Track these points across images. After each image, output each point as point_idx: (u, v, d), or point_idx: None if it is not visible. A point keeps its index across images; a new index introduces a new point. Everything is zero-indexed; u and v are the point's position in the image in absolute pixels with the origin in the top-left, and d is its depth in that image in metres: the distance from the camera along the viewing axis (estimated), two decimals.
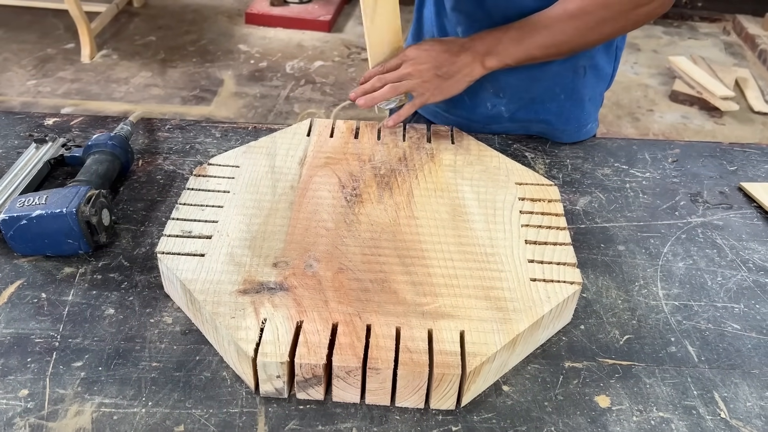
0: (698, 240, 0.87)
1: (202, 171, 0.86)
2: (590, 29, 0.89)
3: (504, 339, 0.65)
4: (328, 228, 0.78)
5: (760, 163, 1.04)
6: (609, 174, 0.99)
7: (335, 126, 0.98)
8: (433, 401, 0.64)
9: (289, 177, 0.86)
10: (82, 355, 0.67)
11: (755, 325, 0.75)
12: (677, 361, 0.70)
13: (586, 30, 0.89)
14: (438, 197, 0.84)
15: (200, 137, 1.03)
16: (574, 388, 0.67)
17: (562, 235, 0.79)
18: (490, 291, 0.71)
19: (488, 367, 0.64)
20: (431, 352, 0.63)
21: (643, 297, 0.78)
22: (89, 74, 3.08)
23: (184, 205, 0.80)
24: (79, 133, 1.02)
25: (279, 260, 0.73)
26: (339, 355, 0.62)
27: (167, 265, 0.72)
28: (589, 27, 0.89)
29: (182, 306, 0.73)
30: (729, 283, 0.80)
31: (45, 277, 0.76)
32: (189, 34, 3.54)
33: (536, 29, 0.90)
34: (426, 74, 0.92)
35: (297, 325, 0.65)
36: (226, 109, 2.88)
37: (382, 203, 0.83)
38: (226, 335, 0.64)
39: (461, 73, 0.92)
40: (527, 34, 0.91)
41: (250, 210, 0.80)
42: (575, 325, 0.74)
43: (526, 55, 0.92)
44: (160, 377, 0.65)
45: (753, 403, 0.66)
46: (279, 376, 0.63)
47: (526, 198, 0.84)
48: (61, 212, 0.75)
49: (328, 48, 3.47)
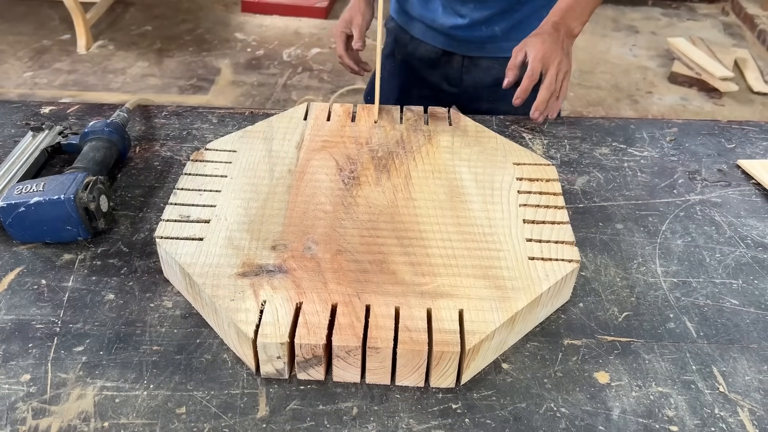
0: (696, 217, 0.87)
1: (199, 156, 0.86)
2: None
3: (503, 317, 0.65)
4: (326, 211, 0.78)
5: (757, 140, 1.04)
6: (607, 153, 0.99)
7: (332, 110, 0.97)
8: (433, 379, 0.64)
9: (287, 161, 0.87)
10: (83, 340, 0.68)
11: (753, 301, 0.75)
12: (676, 337, 0.70)
13: None
14: (436, 179, 0.84)
15: (197, 123, 1.03)
16: (573, 364, 0.67)
17: (560, 214, 0.79)
18: (488, 270, 0.71)
19: (487, 345, 0.65)
20: (430, 331, 0.64)
21: (642, 274, 0.78)
22: (86, 65, 3.07)
23: (182, 190, 0.80)
24: (75, 121, 1.02)
25: (277, 243, 0.73)
26: (339, 335, 0.63)
27: (166, 250, 0.72)
28: None
29: (182, 290, 0.73)
30: (727, 259, 0.81)
31: (44, 264, 0.76)
32: (185, 23, 3.52)
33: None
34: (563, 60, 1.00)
35: (296, 307, 0.65)
36: (223, 98, 2.88)
37: (380, 185, 0.83)
38: (226, 317, 0.65)
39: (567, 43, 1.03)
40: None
41: (247, 194, 0.80)
42: (574, 303, 0.74)
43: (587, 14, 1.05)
44: (161, 360, 0.66)
45: (751, 377, 0.66)
46: (279, 357, 0.63)
47: (524, 178, 0.85)
48: (59, 199, 0.75)
49: (325, 35, 3.46)
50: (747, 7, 3.67)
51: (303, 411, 0.62)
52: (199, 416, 0.61)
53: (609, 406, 0.63)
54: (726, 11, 3.80)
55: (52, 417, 0.60)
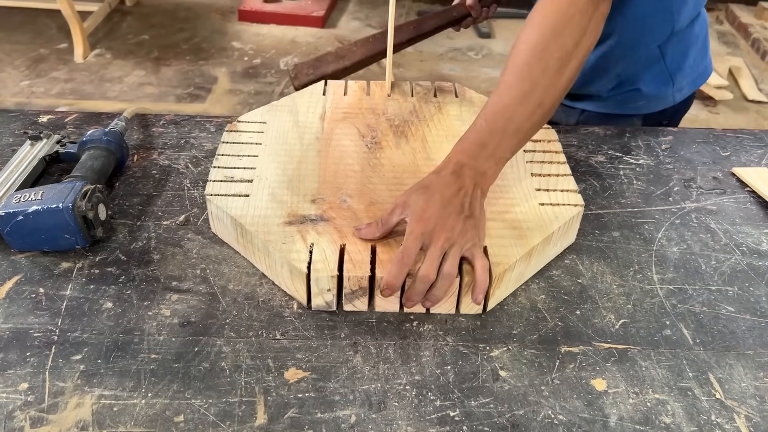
0: (692, 225, 0.87)
1: (233, 127, 0.95)
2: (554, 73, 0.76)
3: (521, 251, 0.74)
4: (355, 170, 0.87)
5: (752, 148, 1.05)
6: (603, 161, 0.99)
7: (347, 86, 1.06)
8: (463, 306, 0.73)
9: (313, 130, 0.95)
10: (81, 349, 0.68)
11: (749, 307, 0.75)
12: (672, 344, 0.71)
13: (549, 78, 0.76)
14: (450, 142, 0.87)
15: (195, 132, 1.03)
16: (570, 372, 0.67)
17: (563, 168, 0.88)
18: (505, 215, 0.80)
19: (509, 276, 0.73)
20: (460, 265, 0.71)
21: (638, 282, 0.78)
22: (83, 74, 3.08)
23: (223, 156, 0.88)
24: (73, 130, 1.02)
25: (316, 197, 0.82)
26: (381, 268, 0.70)
27: (217, 205, 0.79)
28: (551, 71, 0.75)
29: (230, 241, 0.81)
30: (723, 266, 0.81)
31: (42, 273, 0.76)
32: (182, 32, 3.53)
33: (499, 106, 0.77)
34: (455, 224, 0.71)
35: (341, 248, 0.73)
36: (220, 107, 2.88)
37: (400, 149, 0.92)
38: (279, 258, 0.72)
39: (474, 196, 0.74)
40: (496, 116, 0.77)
41: (282, 158, 0.89)
42: (571, 311, 0.74)
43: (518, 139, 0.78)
44: (159, 368, 0.66)
45: (747, 384, 0.67)
46: (329, 289, 0.71)
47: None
48: (57, 207, 0.75)
49: (321, 44, 3.47)
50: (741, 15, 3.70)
51: (301, 419, 0.62)
52: (197, 424, 0.61)
53: (606, 413, 0.63)
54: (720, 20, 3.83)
55: (50, 426, 0.60)
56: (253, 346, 0.69)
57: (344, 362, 0.67)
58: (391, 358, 0.68)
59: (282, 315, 0.72)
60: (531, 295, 0.76)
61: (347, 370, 0.67)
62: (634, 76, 1.10)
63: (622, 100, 1.13)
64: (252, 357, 0.67)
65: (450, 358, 0.68)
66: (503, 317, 0.73)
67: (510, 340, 0.71)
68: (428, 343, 0.70)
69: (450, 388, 0.65)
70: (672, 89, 1.12)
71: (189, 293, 0.74)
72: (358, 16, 3.82)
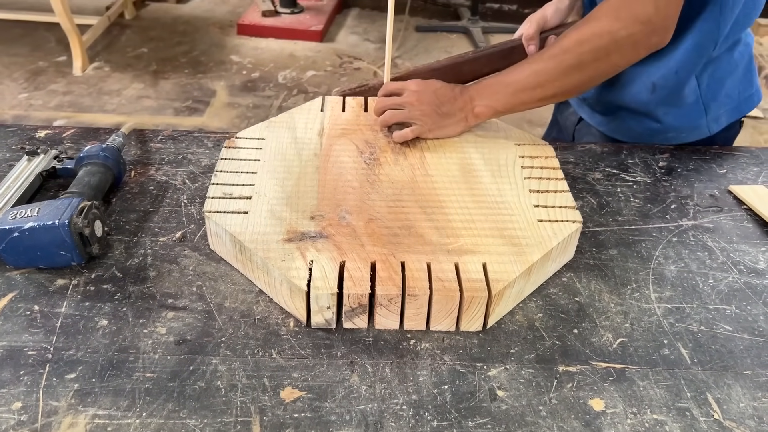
0: (689, 243, 0.87)
1: (232, 144, 0.95)
2: (571, 68, 0.90)
3: (521, 267, 0.74)
4: (354, 187, 0.87)
5: (748, 166, 1.05)
6: (600, 179, 0.99)
7: (345, 102, 1.06)
8: (463, 323, 0.73)
9: (311, 146, 0.95)
10: (76, 367, 0.67)
11: (747, 327, 0.75)
12: (670, 363, 0.70)
13: (566, 70, 0.90)
14: (448, 158, 0.93)
15: (192, 147, 1.03)
16: (568, 391, 0.67)
17: (561, 184, 0.89)
18: (504, 231, 0.80)
19: (509, 292, 0.74)
20: (460, 281, 0.72)
21: (636, 300, 0.78)
22: (81, 86, 3.08)
23: (222, 172, 0.88)
24: (71, 145, 1.02)
25: (315, 214, 0.82)
26: (381, 286, 0.71)
27: (216, 222, 0.79)
28: (569, 66, 0.89)
29: (229, 258, 0.81)
30: (720, 285, 0.81)
31: (38, 289, 0.76)
32: (181, 45, 3.54)
33: (523, 72, 0.92)
34: (426, 107, 0.94)
35: (340, 265, 0.73)
36: (218, 120, 2.89)
37: (399, 165, 0.92)
38: (279, 276, 0.72)
39: (457, 117, 0.96)
40: (515, 77, 0.93)
41: (281, 174, 0.89)
42: (569, 329, 0.74)
43: (516, 99, 0.93)
44: (153, 388, 0.65)
45: (746, 404, 0.66)
46: (329, 307, 0.71)
47: (525, 156, 0.94)
48: (53, 224, 0.74)
49: (320, 58, 3.49)
50: None
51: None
52: None
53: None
54: None
55: None
56: (249, 364, 0.68)
57: (341, 381, 0.67)
58: (388, 377, 0.68)
59: (278, 333, 0.72)
60: (529, 313, 0.76)
61: (344, 389, 0.66)
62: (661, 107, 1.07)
63: (648, 134, 1.10)
64: (248, 376, 0.67)
65: (447, 378, 0.68)
66: (501, 336, 0.73)
67: (508, 359, 0.70)
68: (425, 362, 0.70)
69: (447, 408, 0.65)
70: (706, 119, 1.07)
71: (185, 311, 0.74)
72: (357, 31, 3.84)
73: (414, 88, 0.96)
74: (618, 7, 0.86)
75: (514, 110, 0.95)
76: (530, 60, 0.93)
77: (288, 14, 3.75)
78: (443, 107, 0.95)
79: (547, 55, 0.91)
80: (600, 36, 0.87)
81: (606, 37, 0.86)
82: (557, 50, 0.90)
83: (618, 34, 0.86)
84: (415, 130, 0.95)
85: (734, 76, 1.06)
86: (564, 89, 0.93)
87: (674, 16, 0.87)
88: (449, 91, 0.96)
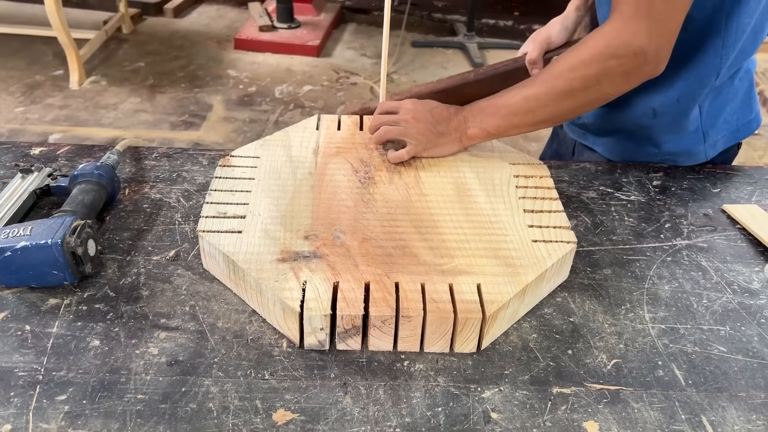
0: (683, 262, 0.88)
1: (226, 162, 0.94)
2: (562, 95, 0.89)
3: (515, 289, 0.74)
4: (348, 206, 0.87)
5: (742, 185, 1.05)
6: (594, 197, 1.00)
7: (341, 120, 1.06)
8: (457, 345, 0.72)
9: (306, 165, 0.95)
10: (66, 389, 0.66)
11: (741, 348, 0.75)
12: (665, 385, 0.70)
13: (557, 96, 0.89)
14: (442, 177, 0.94)
15: (187, 165, 1.03)
16: (562, 414, 0.67)
17: (555, 204, 0.89)
18: (498, 251, 0.80)
19: (503, 313, 0.73)
20: (454, 302, 0.72)
21: (630, 320, 0.78)
22: (78, 100, 3.09)
23: (216, 191, 0.88)
24: (65, 162, 1.02)
25: (309, 233, 0.81)
26: (375, 307, 0.70)
27: (209, 242, 0.79)
28: (560, 93, 0.89)
29: (222, 278, 0.80)
30: (714, 305, 0.81)
31: (29, 309, 0.75)
32: (178, 59, 3.56)
33: (514, 97, 0.92)
34: (422, 126, 0.95)
35: (334, 285, 0.73)
36: (215, 134, 2.89)
37: (393, 184, 0.92)
38: (272, 297, 0.72)
39: (452, 137, 0.96)
40: (507, 101, 0.93)
41: (275, 193, 0.88)
42: (563, 350, 0.74)
43: (508, 123, 0.93)
44: (145, 409, 0.65)
45: (740, 427, 0.66)
46: (322, 328, 0.70)
47: (520, 175, 0.94)
48: (46, 243, 0.74)
49: (316, 72, 3.50)
50: None
51: None
52: None
53: None
54: None
55: None
56: (242, 386, 0.68)
57: (334, 403, 0.66)
58: (381, 399, 0.67)
59: (271, 354, 0.72)
60: (523, 334, 0.76)
61: (336, 411, 0.66)
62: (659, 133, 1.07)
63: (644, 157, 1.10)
64: (240, 398, 0.66)
65: (441, 400, 0.67)
66: (495, 357, 0.73)
67: (502, 381, 0.70)
68: (419, 383, 0.69)
69: (441, 430, 0.64)
70: (704, 146, 1.07)
71: (177, 331, 0.74)
72: (353, 46, 3.86)
73: (410, 106, 0.97)
74: (610, 36, 0.85)
75: (506, 134, 0.95)
76: (523, 84, 0.92)
77: (285, 29, 3.77)
78: (438, 126, 0.95)
79: (539, 80, 0.91)
80: (590, 65, 0.86)
81: (596, 66, 0.85)
82: (548, 76, 0.90)
83: (608, 63, 0.85)
84: (411, 151, 0.95)
85: (734, 103, 1.05)
86: (555, 115, 0.92)
87: (668, 47, 0.86)
88: (444, 111, 0.97)
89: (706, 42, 0.95)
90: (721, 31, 0.94)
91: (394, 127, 0.96)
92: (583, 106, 0.92)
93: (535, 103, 0.91)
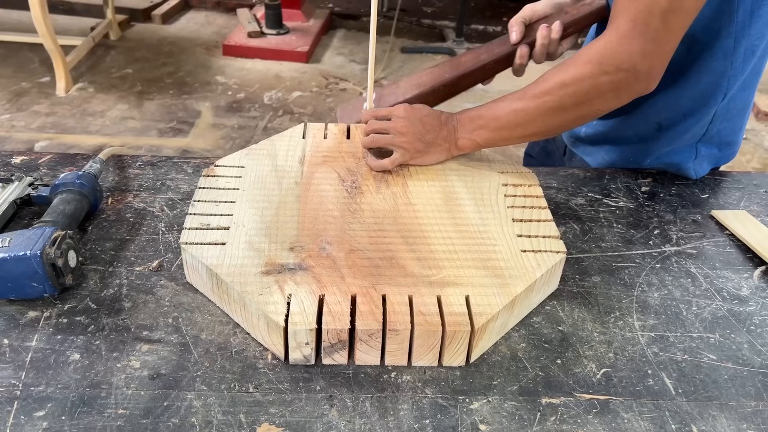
0: (672, 269, 0.87)
1: (210, 172, 0.92)
2: (552, 111, 0.88)
3: (504, 300, 0.73)
4: (335, 216, 0.85)
5: (730, 190, 1.05)
6: (583, 204, 0.99)
7: (327, 129, 1.05)
8: (446, 359, 0.71)
9: (292, 174, 0.93)
10: (45, 404, 0.65)
11: (731, 356, 0.75)
12: (654, 394, 0.69)
13: (547, 111, 0.88)
14: (431, 186, 0.92)
15: (172, 173, 1.01)
16: (551, 425, 0.66)
17: (544, 213, 0.88)
18: (487, 262, 0.78)
19: (492, 326, 0.72)
20: (442, 315, 0.70)
21: (619, 329, 0.77)
22: (65, 107, 3.06)
23: (199, 202, 0.86)
24: (47, 171, 1.00)
25: (295, 245, 0.79)
26: (361, 320, 0.69)
27: (192, 254, 0.77)
28: (550, 108, 0.88)
29: (206, 291, 0.78)
30: (704, 312, 0.80)
31: (7, 322, 0.74)
32: (166, 66, 3.54)
33: (504, 109, 0.91)
34: (411, 136, 0.94)
35: (320, 298, 0.71)
36: (203, 141, 2.87)
37: (381, 193, 0.90)
38: (256, 311, 0.70)
39: (441, 146, 0.96)
40: (497, 113, 0.92)
41: (260, 203, 0.86)
42: (552, 360, 0.73)
43: (497, 135, 0.93)
44: (126, 425, 0.63)
45: None
46: (308, 342, 0.68)
47: (508, 184, 0.93)
48: (24, 255, 0.73)
49: (306, 78, 3.49)
50: None
51: None
52: None
53: None
54: None
55: None
56: (225, 399, 0.66)
57: (319, 417, 0.65)
58: (367, 411, 0.66)
59: (256, 366, 0.70)
60: (512, 343, 0.75)
61: (322, 425, 0.64)
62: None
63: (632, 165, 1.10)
64: (224, 412, 0.65)
65: (429, 412, 0.66)
66: (483, 367, 0.72)
67: (490, 392, 0.69)
68: (406, 395, 0.68)
69: None
70: (693, 163, 1.06)
71: (160, 343, 0.72)
72: (342, 52, 3.86)
73: (402, 114, 0.96)
74: (602, 53, 0.84)
75: (495, 145, 0.94)
76: (514, 97, 0.91)
77: (274, 35, 3.76)
78: (428, 135, 0.95)
79: (530, 94, 0.89)
80: (581, 81, 0.85)
81: (587, 82, 0.85)
82: (539, 91, 0.88)
83: (599, 80, 0.84)
84: (396, 160, 0.94)
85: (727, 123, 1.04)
86: (545, 129, 0.91)
87: (661, 67, 0.85)
88: (435, 119, 0.96)
89: (715, 61, 0.94)
90: (729, 52, 0.93)
91: (382, 136, 0.95)
92: (573, 121, 0.92)
93: (524, 117, 0.90)
